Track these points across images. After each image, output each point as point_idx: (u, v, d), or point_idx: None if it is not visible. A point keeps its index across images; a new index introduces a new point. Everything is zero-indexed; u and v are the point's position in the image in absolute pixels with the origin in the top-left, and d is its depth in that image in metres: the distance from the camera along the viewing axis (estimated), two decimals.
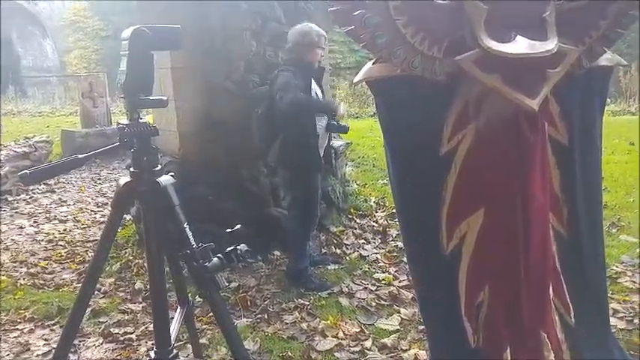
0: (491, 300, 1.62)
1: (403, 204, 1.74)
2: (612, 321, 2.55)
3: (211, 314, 2.45)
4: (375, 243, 3.89)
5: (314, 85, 3.08)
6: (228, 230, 1.50)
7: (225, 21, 3.39)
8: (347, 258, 3.61)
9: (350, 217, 4.30)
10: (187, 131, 3.61)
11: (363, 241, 3.94)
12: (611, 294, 2.89)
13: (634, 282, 3.02)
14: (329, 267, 3.46)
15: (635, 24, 1.60)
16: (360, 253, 3.69)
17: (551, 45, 1.42)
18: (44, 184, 5.95)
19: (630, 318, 2.67)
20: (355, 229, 4.13)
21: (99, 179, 6.65)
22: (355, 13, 1.46)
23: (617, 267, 3.23)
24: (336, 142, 4.66)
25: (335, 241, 3.88)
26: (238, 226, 1.53)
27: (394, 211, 4.31)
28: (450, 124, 1.56)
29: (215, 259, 1.43)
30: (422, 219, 1.66)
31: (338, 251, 3.74)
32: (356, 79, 1.69)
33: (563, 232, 1.70)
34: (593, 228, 1.76)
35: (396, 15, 1.45)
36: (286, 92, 2.84)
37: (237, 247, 1.47)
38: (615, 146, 6.73)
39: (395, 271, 3.38)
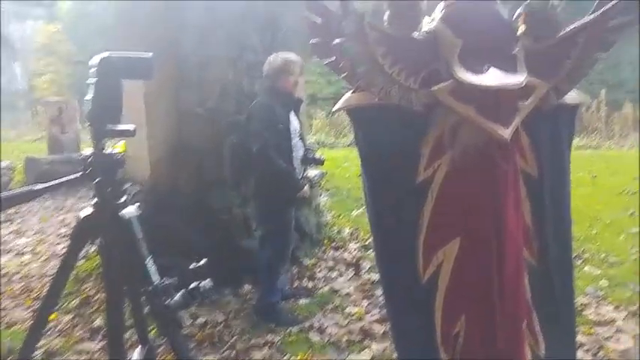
0: (467, 330, 1.62)
1: (380, 232, 1.75)
2: (579, 354, 2.58)
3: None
4: (347, 276, 3.84)
5: (292, 117, 3.07)
6: (192, 266, 1.44)
7: (199, 48, 3.38)
8: (319, 292, 3.54)
9: (323, 248, 4.26)
10: (158, 158, 3.54)
11: (335, 273, 3.88)
12: (577, 326, 2.91)
13: (599, 314, 3.05)
14: (300, 301, 3.38)
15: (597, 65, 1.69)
16: (332, 287, 3.63)
17: (521, 78, 1.49)
18: (2, 213, 5.72)
19: (596, 351, 2.68)
20: (328, 261, 4.08)
21: (62, 208, 6.40)
22: (335, 42, 1.51)
23: (581, 298, 3.26)
24: (311, 172, 4.64)
25: (307, 274, 3.82)
26: (203, 261, 1.47)
27: (368, 242, 4.30)
28: (426, 153, 1.60)
29: (177, 296, 1.37)
30: (399, 247, 1.67)
31: (310, 284, 3.67)
32: (335, 108, 1.74)
33: (533, 263, 1.73)
34: (563, 260, 1.79)
35: (375, 46, 1.51)
36: (256, 141, 2.85)
37: (201, 283, 1.41)
38: (579, 179, 6.89)
39: (367, 305, 3.33)
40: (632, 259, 3.96)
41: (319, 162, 3.31)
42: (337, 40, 1.51)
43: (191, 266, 1.46)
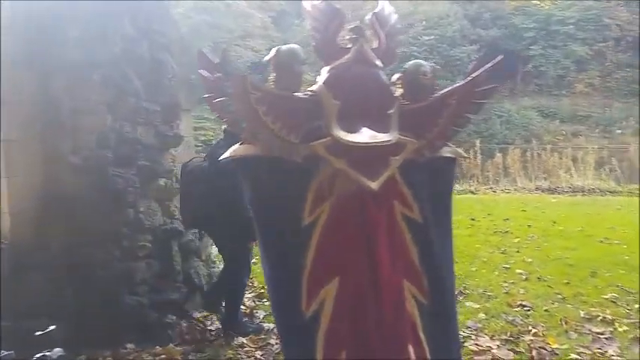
0: None
1: (271, 271, 1.88)
2: None
3: None
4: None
5: None
6: (38, 333, 1.29)
7: (74, 92, 3.19)
8: (211, 345, 3.39)
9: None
10: (21, 211, 3.21)
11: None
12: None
13: (477, 344, 3.25)
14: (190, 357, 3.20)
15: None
16: (226, 339, 3.48)
17: (390, 137, 1.71)
18: None
19: None
20: (221, 313, 3.92)
21: None
22: (216, 101, 1.69)
23: (463, 332, 3.44)
24: None
25: (198, 328, 3.64)
26: (52, 327, 1.33)
27: (262, 291, 4.23)
28: (309, 199, 1.78)
29: None
30: (286, 285, 1.82)
31: (201, 338, 3.51)
32: (221, 157, 1.88)
33: (423, 300, 1.91)
34: (446, 297, 1.99)
35: (257, 104, 1.67)
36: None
37: (48, 352, 1.27)
38: (460, 222, 7.44)
39: (261, 355, 3.24)
40: (503, 292, 4.30)
41: None
42: (218, 99, 1.68)
43: (37, 333, 1.31)
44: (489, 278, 4.71)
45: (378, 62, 1.88)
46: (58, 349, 1.29)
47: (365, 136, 1.69)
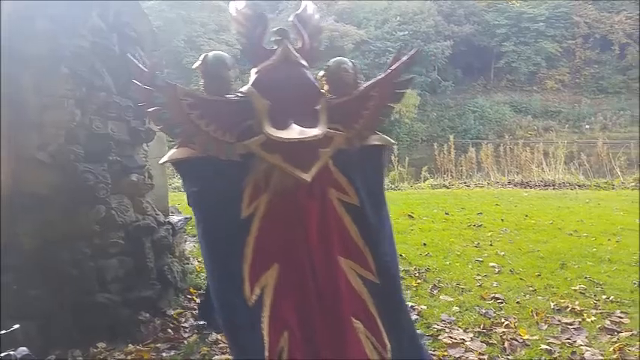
0: (290, 343, 1.91)
1: (213, 263, 1.98)
2: None
3: None
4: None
5: None
6: (2, 332, 1.26)
7: (40, 87, 3.08)
8: (185, 342, 3.36)
9: (189, 297, 4.07)
10: None
11: (202, 322, 3.71)
12: (433, 350, 3.14)
13: (451, 337, 3.30)
14: (163, 354, 3.17)
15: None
16: (200, 335, 3.46)
17: (318, 131, 1.86)
18: None
19: None
20: (195, 309, 3.89)
21: None
22: (149, 110, 1.80)
23: (437, 325, 3.52)
24: (174, 218, 4.47)
25: (172, 325, 3.60)
26: (16, 326, 1.30)
27: None
28: (247, 193, 1.92)
29: None
30: (229, 275, 1.92)
31: (175, 335, 3.47)
32: (161, 161, 2.04)
33: (372, 278, 2.05)
34: (392, 273, 2.15)
35: (190, 110, 1.82)
36: None
37: (12, 352, 1.24)
38: (434, 216, 7.55)
39: None
40: (477, 285, 4.38)
41: None
42: (151, 109, 1.80)
43: (1, 332, 1.28)
44: (463, 272, 4.78)
45: (303, 61, 2.01)
46: (22, 348, 1.25)
47: (294, 132, 1.83)
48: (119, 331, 3.31)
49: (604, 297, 4.04)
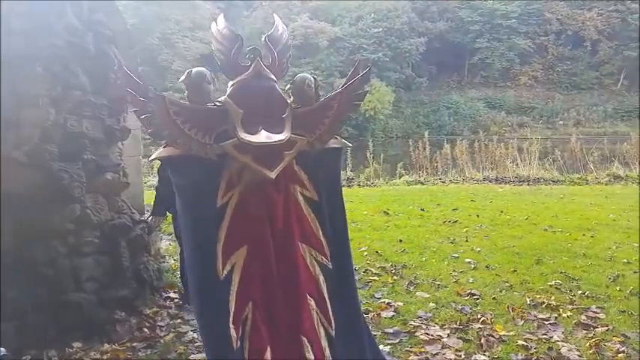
0: (254, 313, 2.25)
1: (192, 243, 2.28)
2: None
3: None
4: (192, 321, 3.68)
5: None
6: None
7: (15, 86, 3.04)
8: (161, 341, 3.34)
9: (165, 295, 4.03)
10: None
11: (179, 320, 3.70)
12: (410, 347, 3.19)
13: (428, 334, 3.35)
14: (139, 353, 3.15)
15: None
16: (176, 334, 3.45)
17: (282, 136, 2.18)
18: None
19: None
20: (171, 308, 3.87)
21: None
22: (142, 117, 2.11)
23: (414, 321, 3.55)
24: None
25: (148, 324, 3.58)
26: None
27: None
28: (222, 186, 2.26)
29: None
30: (204, 255, 2.24)
31: (151, 334, 3.44)
32: (151, 157, 2.38)
33: (326, 263, 2.42)
34: (345, 261, 2.49)
35: (175, 116, 2.16)
36: None
37: None
38: (409, 212, 7.63)
39: None
40: (453, 281, 4.44)
41: None
42: (143, 116, 2.10)
43: None
44: (439, 268, 4.83)
45: (272, 76, 2.35)
46: (1, 348, 1.25)
47: (263, 136, 2.15)
48: (95, 331, 3.28)
49: (579, 292, 4.08)
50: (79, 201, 3.33)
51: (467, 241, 5.86)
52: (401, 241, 5.83)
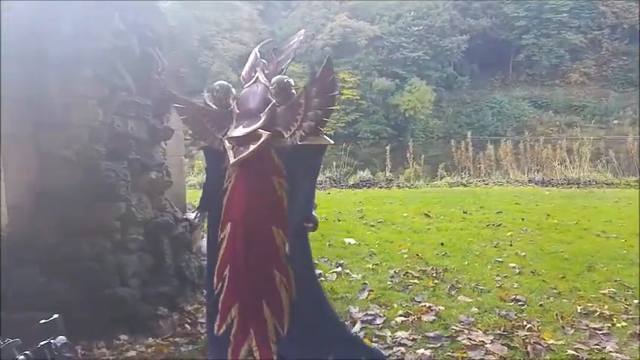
0: (230, 271, 2.77)
1: (210, 205, 2.94)
2: None
3: None
4: None
5: None
6: (42, 321, 1.30)
7: (65, 88, 3.19)
8: (202, 337, 3.38)
9: (205, 293, 4.09)
10: (17, 205, 3.21)
11: None
12: (452, 352, 3.11)
13: (470, 339, 3.25)
14: (181, 348, 3.21)
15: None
16: None
17: (247, 130, 2.64)
18: None
19: None
20: None
21: None
22: (182, 117, 3.06)
23: (456, 326, 3.46)
24: (191, 214, 4.49)
25: (189, 320, 3.64)
26: (55, 316, 1.33)
27: None
28: (227, 171, 2.79)
29: (21, 357, 1.22)
30: (213, 221, 2.88)
31: (193, 331, 3.51)
32: (191, 145, 3.35)
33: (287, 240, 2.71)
34: (301, 239, 2.73)
35: (204, 118, 2.89)
36: None
37: (53, 340, 1.27)
38: (452, 215, 7.46)
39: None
40: (496, 286, 4.29)
41: None
42: (181, 118, 3.05)
43: (41, 321, 1.32)
44: (482, 272, 4.69)
45: (266, 82, 2.80)
46: (61, 337, 1.29)
47: (238, 131, 2.69)
48: (139, 325, 3.37)
49: (635, 301, 3.87)
50: (124, 199, 3.43)
51: (511, 245, 5.66)
52: (442, 244, 5.70)
